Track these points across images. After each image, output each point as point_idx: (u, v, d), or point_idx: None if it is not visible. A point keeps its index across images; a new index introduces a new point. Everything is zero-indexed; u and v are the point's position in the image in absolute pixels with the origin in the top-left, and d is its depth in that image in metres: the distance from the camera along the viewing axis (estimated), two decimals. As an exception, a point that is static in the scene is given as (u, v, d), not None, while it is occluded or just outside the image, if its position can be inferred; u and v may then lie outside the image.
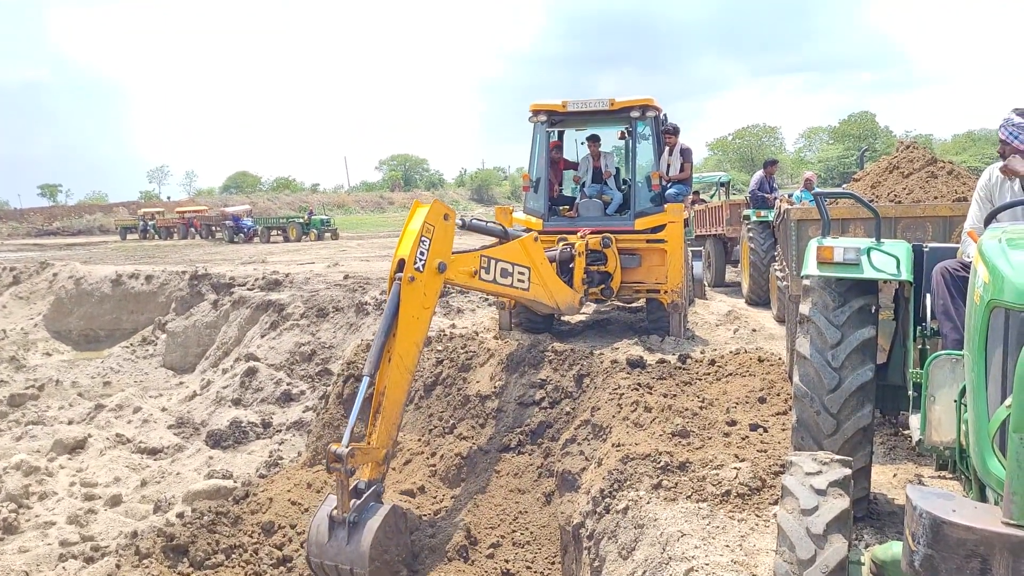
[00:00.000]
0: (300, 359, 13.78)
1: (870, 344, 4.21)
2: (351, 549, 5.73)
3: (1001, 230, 3.24)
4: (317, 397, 12.33)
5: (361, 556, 5.68)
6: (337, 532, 5.77)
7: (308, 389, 13.05)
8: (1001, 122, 4.10)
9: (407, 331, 6.25)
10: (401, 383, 6.24)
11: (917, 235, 6.08)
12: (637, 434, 6.25)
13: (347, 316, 14.30)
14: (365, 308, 14.16)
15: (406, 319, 6.25)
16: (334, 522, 5.80)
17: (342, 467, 5.63)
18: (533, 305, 8.69)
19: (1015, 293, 2.60)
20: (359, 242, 34.63)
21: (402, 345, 6.21)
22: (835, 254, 4.19)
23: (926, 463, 5.41)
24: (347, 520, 5.74)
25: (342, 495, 5.76)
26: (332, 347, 13.78)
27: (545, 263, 8.36)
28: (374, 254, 25.77)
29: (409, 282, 6.31)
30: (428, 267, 6.47)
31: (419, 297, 6.38)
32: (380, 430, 6.07)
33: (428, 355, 9.05)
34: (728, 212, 14.92)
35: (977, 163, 48.25)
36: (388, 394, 6.13)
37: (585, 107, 9.59)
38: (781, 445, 5.74)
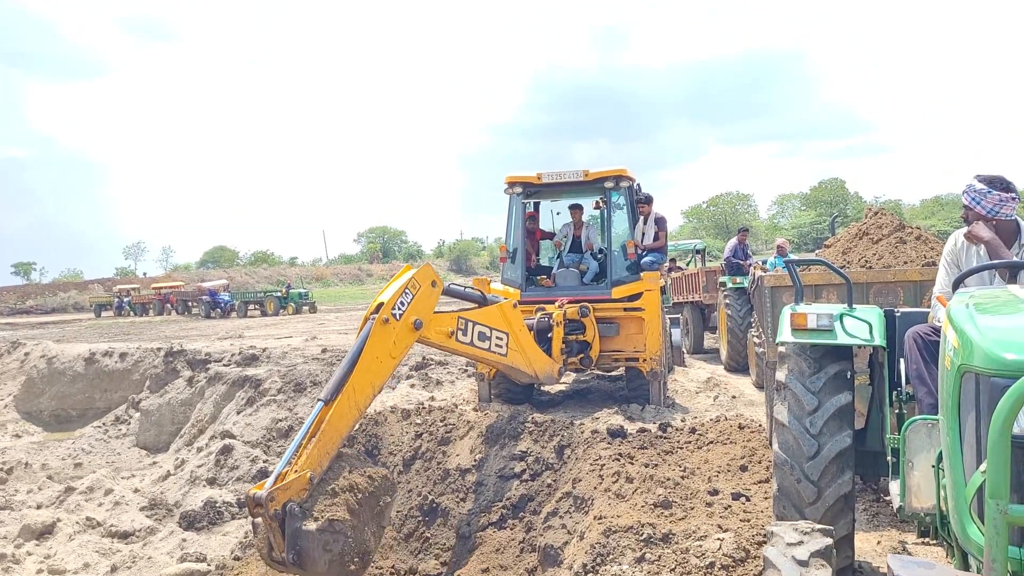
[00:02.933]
0: (277, 435, 13.54)
1: (847, 410, 4.21)
2: (310, 573, 5.44)
3: (969, 295, 3.30)
4: (294, 474, 12.08)
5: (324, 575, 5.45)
6: (288, 569, 5.47)
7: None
8: (964, 188, 4.20)
9: (367, 370, 6.06)
10: (346, 416, 5.94)
11: (889, 300, 6.15)
12: (619, 505, 6.17)
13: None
14: (343, 382, 14.01)
15: (369, 358, 6.07)
16: (278, 563, 5.51)
17: (264, 511, 5.31)
18: (511, 372, 8.62)
19: (984, 358, 2.63)
20: (337, 315, 34.53)
21: (358, 379, 5.98)
22: (808, 320, 4.23)
23: (910, 529, 5.37)
24: (287, 560, 5.39)
25: (274, 536, 5.40)
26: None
27: (524, 330, 8.35)
28: (353, 327, 25.66)
29: (383, 323, 6.19)
30: (405, 319, 6.38)
31: (388, 342, 6.24)
32: (310, 454, 5.66)
33: (407, 429, 8.95)
34: (704, 279, 15.07)
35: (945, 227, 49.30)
36: (331, 421, 5.79)
37: (560, 178, 9.74)
38: (764, 514, 5.68)
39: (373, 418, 9.15)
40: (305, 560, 5.37)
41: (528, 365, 8.38)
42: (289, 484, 5.42)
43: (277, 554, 5.45)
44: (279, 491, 5.38)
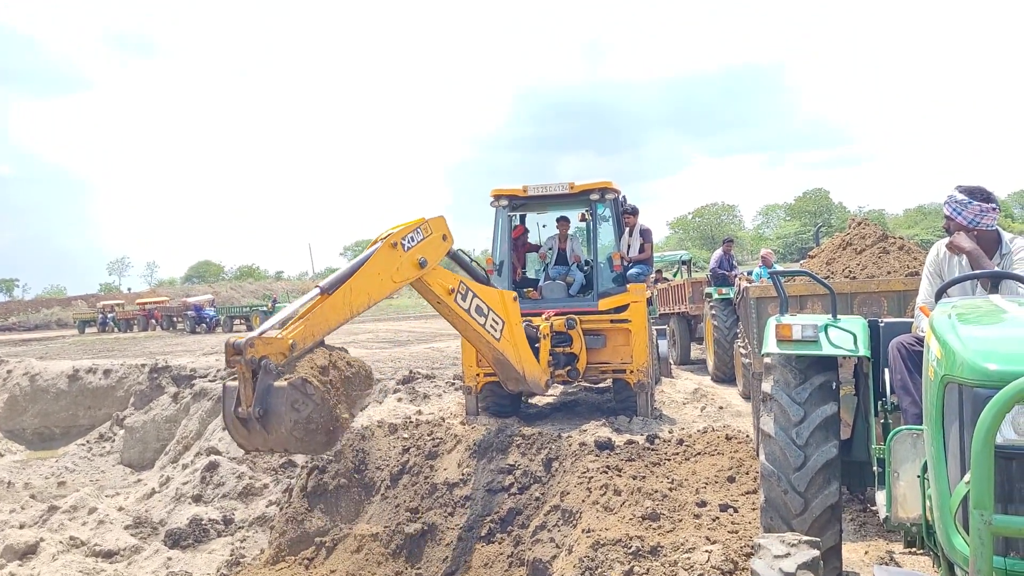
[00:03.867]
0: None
1: (833, 420, 4.22)
2: (273, 438, 5.30)
3: (951, 305, 3.32)
4: (281, 491, 12.00)
5: (285, 441, 5.29)
6: (251, 426, 5.30)
7: (271, 482, 12.69)
8: (946, 199, 4.23)
9: (367, 280, 6.04)
10: (338, 310, 5.88)
11: (873, 310, 6.19)
12: (607, 518, 6.16)
13: (311, 405, 14.06)
14: (330, 396, 13.94)
15: (371, 271, 6.08)
16: (243, 420, 5.32)
17: (242, 358, 5.20)
18: (500, 367, 8.48)
19: (967, 368, 2.65)
20: (324, 329, 34.33)
21: (357, 283, 5.96)
22: (794, 332, 4.24)
23: (897, 539, 5.37)
24: (252, 414, 5.23)
25: (245, 388, 5.28)
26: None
27: (520, 326, 8.31)
28: (339, 341, 25.58)
29: (391, 246, 6.21)
30: (412, 253, 6.41)
31: (391, 266, 6.23)
32: (296, 327, 5.56)
33: (394, 443, 8.91)
34: (691, 290, 15.11)
35: (928, 236, 49.66)
36: (323, 309, 5.72)
37: (545, 191, 9.77)
38: (752, 525, 5.68)
39: (360, 433, 9.10)
40: (271, 416, 5.22)
41: (518, 361, 8.29)
42: (271, 341, 5.35)
43: (244, 409, 5.28)
44: (260, 342, 5.31)
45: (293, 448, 5.43)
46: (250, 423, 5.31)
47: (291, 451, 5.49)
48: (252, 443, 5.45)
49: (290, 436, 5.27)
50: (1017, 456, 2.47)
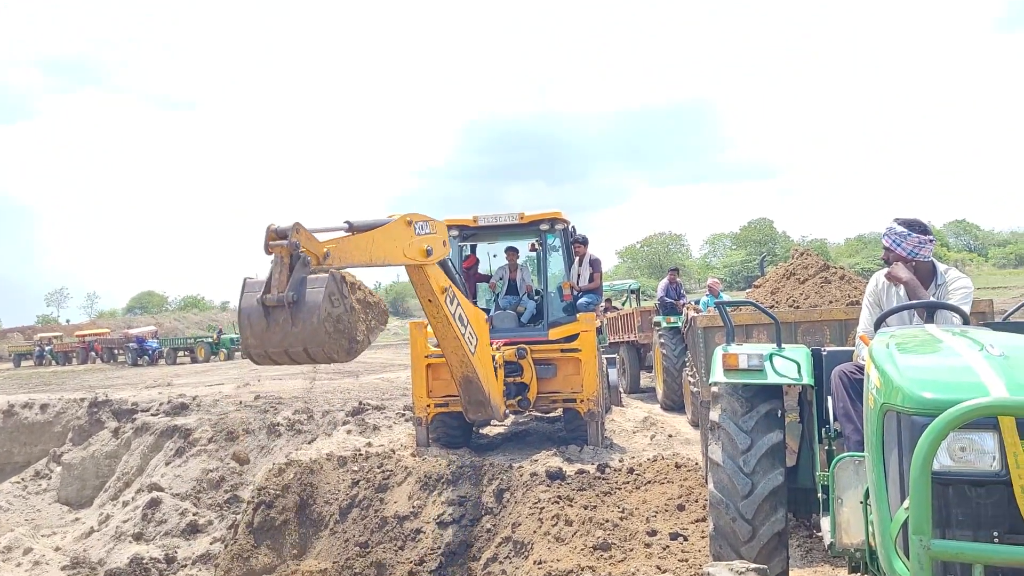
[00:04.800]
0: (208, 487, 13.13)
1: (779, 448, 4.29)
2: (299, 330, 5.15)
3: (889, 334, 3.42)
4: (226, 527, 11.72)
5: (313, 333, 5.13)
6: (275, 316, 5.17)
7: (216, 519, 12.39)
8: (885, 230, 4.37)
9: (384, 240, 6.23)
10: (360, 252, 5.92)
11: (816, 338, 6.33)
12: (559, 549, 6.15)
13: (258, 439, 13.80)
14: (277, 429, 13.70)
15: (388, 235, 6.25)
16: (268, 307, 5.17)
17: (287, 242, 5.15)
18: (467, 386, 8.35)
19: (905, 397, 2.73)
20: (271, 360, 33.81)
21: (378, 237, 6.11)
22: (740, 361, 4.31)
23: (842, 564, 5.45)
24: (284, 299, 5.09)
25: (280, 273, 5.19)
26: (242, 473, 13.21)
27: (488, 347, 8.44)
28: (287, 372, 25.21)
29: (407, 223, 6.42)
30: (421, 239, 6.63)
31: (404, 239, 6.44)
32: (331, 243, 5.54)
33: (343, 476, 8.79)
34: (640, 319, 15.26)
35: (869, 264, 50.97)
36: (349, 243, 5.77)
37: (496, 221, 9.81)
38: (701, 553, 5.72)
39: (308, 467, 8.97)
40: (304, 304, 5.14)
41: (487, 382, 8.30)
42: (311, 238, 5.36)
43: (275, 294, 5.17)
44: (304, 234, 5.28)
45: (315, 345, 5.22)
46: (275, 313, 5.19)
47: (310, 351, 5.27)
48: (267, 339, 5.25)
49: (320, 327, 5.14)
50: (953, 482, 2.55)
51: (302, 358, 5.40)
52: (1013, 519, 2.48)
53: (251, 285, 5.38)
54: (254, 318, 5.28)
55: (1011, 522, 2.49)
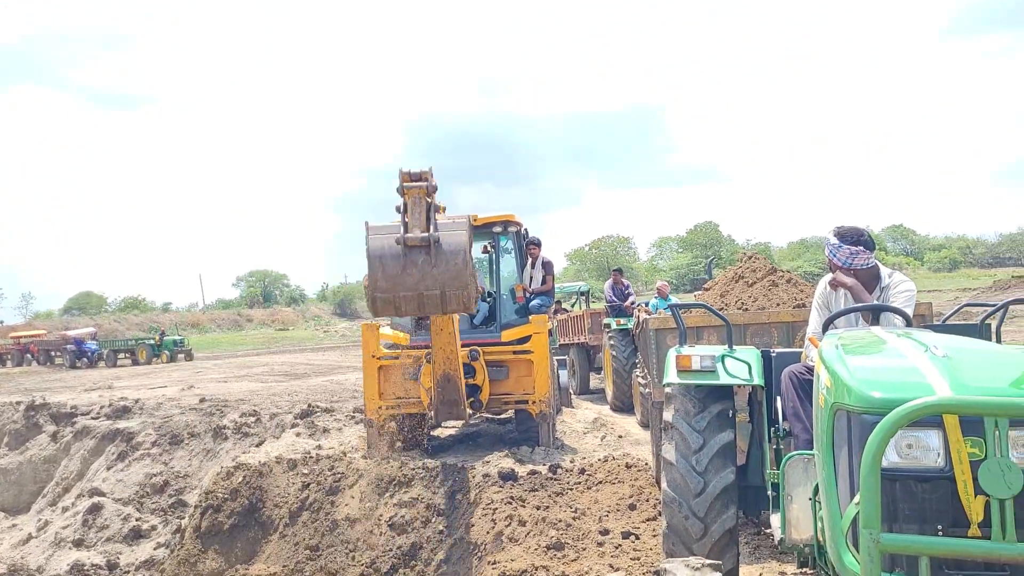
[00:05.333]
0: (151, 491, 12.86)
1: (730, 447, 4.39)
2: (440, 271, 5.28)
3: (838, 336, 3.54)
4: (171, 532, 11.50)
5: (458, 274, 5.30)
6: (414, 257, 5.28)
7: (160, 524, 12.15)
8: (824, 241, 4.54)
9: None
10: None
11: (764, 340, 6.48)
12: (512, 549, 6.18)
13: (203, 442, 13.57)
14: (224, 432, 13.49)
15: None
16: (409, 247, 5.28)
17: (426, 184, 5.33)
18: (445, 385, 8.49)
19: (855, 396, 2.82)
20: (216, 363, 33.27)
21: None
22: (693, 362, 4.41)
23: (789, 560, 5.60)
24: (430, 239, 5.20)
25: (419, 214, 5.33)
26: (187, 476, 12.97)
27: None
28: (232, 374, 24.82)
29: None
30: None
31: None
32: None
33: (293, 479, 8.69)
34: (590, 321, 15.40)
35: (811, 268, 52.21)
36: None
37: (448, 224, 9.81)
38: (653, 551, 5.82)
39: (257, 470, 8.85)
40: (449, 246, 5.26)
41: (462, 379, 8.41)
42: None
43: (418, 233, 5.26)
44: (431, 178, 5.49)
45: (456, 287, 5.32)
46: (413, 255, 5.27)
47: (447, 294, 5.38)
48: (400, 282, 5.32)
49: (464, 269, 5.29)
50: (900, 478, 2.65)
51: (433, 303, 5.49)
52: (956, 513, 2.59)
53: (379, 228, 5.47)
54: (387, 260, 5.34)
55: (954, 516, 2.60)
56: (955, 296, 35.30)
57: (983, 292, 36.07)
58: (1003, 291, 34.41)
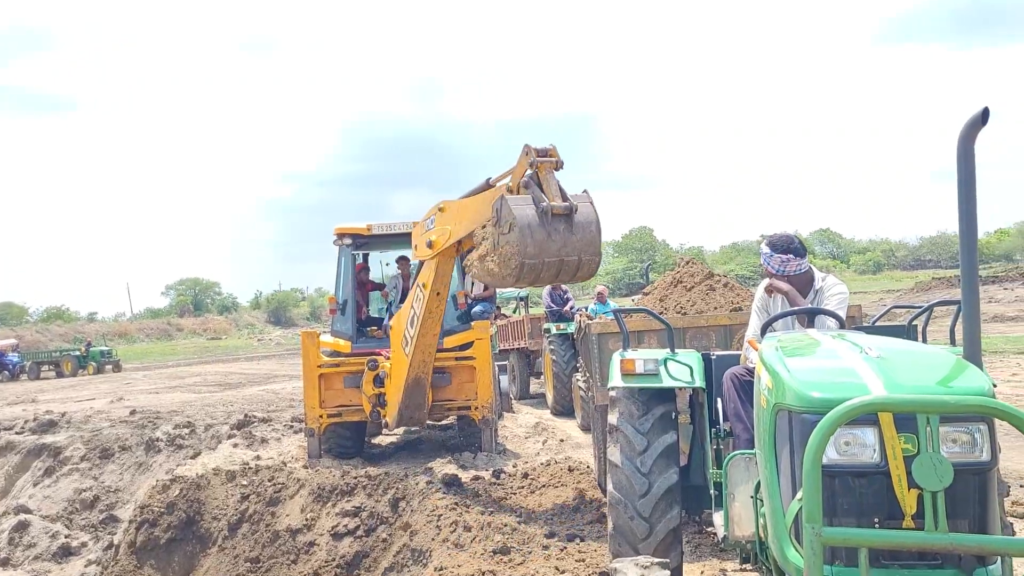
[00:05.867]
0: (81, 507, 12.46)
1: (674, 448, 4.49)
2: (578, 238, 5.86)
3: (776, 339, 3.66)
4: (102, 548, 11.16)
5: (592, 242, 5.92)
6: (554, 225, 5.77)
7: (91, 540, 11.77)
8: (758, 248, 4.70)
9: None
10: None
11: (703, 343, 6.63)
12: (458, 555, 6.19)
13: (135, 456, 13.20)
14: (156, 445, 13.15)
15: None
16: (549, 216, 5.78)
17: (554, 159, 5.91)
18: (414, 388, 8.61)
19: (795, 397, 2.94)
20: (145, 373, 32.42)
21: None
22: (637, 366, 4.50)
23: (729, 558, 5.74)
24: (571, 207, 5.80)
25: (555, 186, 5.91)
26: (119, 491, 12.60)
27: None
28: (164, 385, 24.24)
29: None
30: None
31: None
32: None
33: (231, 491, 8.54)
34: (529, 326, 15.48)
35: (743, 271, 53.37)
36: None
37: (390, 229, 9.79)
38: (598, 553, 5.89)
39: (195, 482, 8.66)
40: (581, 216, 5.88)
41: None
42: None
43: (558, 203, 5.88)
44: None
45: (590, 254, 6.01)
46: (557, 222, 5.84)
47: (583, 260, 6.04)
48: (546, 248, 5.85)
49: (598, 237, 5.98)
50: (839, 474, 2.77)
51: (569, 270, 6.10)
52: (891, 506, 2.71)
53: (516, 199, 5.99)
54: (534, 227, 5.83)
55: (889, 509, 2.72)
56: (880, 297, 36.57)
57: (906, 293, 37.46)
58: (925, 292, 35.81)
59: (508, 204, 5.97)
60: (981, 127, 2.83)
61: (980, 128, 2.83)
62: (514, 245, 5.91)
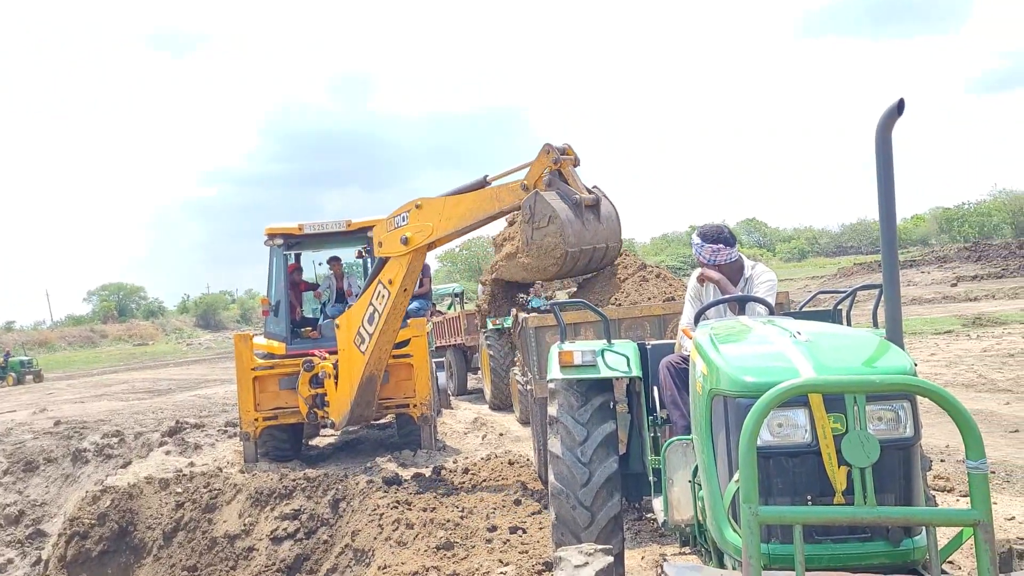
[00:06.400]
0: (5, 523, 11.99)
1: (613, 437, 4.57)
2: (605, 226, 6.60)
3: (710, 326, 3.76)
4: (30, 564, 10.77)
5: (615, 230, 6.74)
6: (586, 216, 6.37)
7: (17, 556, 11.35)
8: (690, 240, 4.82)
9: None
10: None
11: (638, 333, 6.75)
12: (402, 553, 6.17)
13: (62, 467, 12.77)
14: (84, 456, 12.74)
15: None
16: (581, 208, 6.41)
17: (574, 156, 6.45)
18: (367, 385, 8.64)
19: (730, 382, 3.03)
20: (70, 383, 31.34)
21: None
22: (575, 357, 4.55)
23: (669, 542, 5.87)
24: (597, 199, 6.53)
25: (576, 181, 6.48)
26: (45, 504, 12.17)
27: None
28: (89, 394, 23.48)
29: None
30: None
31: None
32: None
33: (166, 499, 8.34)
34: (465, 321, 15.48)
35: (673, 262, 54.24)
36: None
37: (322, 229, 9.68)
38: (540, 544, 5.95)
39: (127, 492, 8.44)
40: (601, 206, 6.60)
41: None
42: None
43: (586, 195, 6.53)
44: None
45: (615, 241, 6.93)
46: (587, 213, 6.48)
47: (609, 247, 6.92)
48: (583, 237, 6.50)
49: (618, 225, 6.85)
50: (773, 455, 2.86)
51: (598, 257, 6.84)
52: (823, 483, 2.82)
53: (548, 195, 6.50)
54: (572, 219, 6.44)
55: (821, 486, 2.83)
56: (805, 283, 37.66)
57: (830, 279, 38.68)
58: (847, 277, 37.04)
59: (544, 199, 6.53)
60: (897, 118, 2.94)
61: (896, 119, 2.95)
62: (556, 236, 6.53)
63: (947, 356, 13.93)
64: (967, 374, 11.88)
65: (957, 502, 6.22)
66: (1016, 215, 55.34)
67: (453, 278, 70.78)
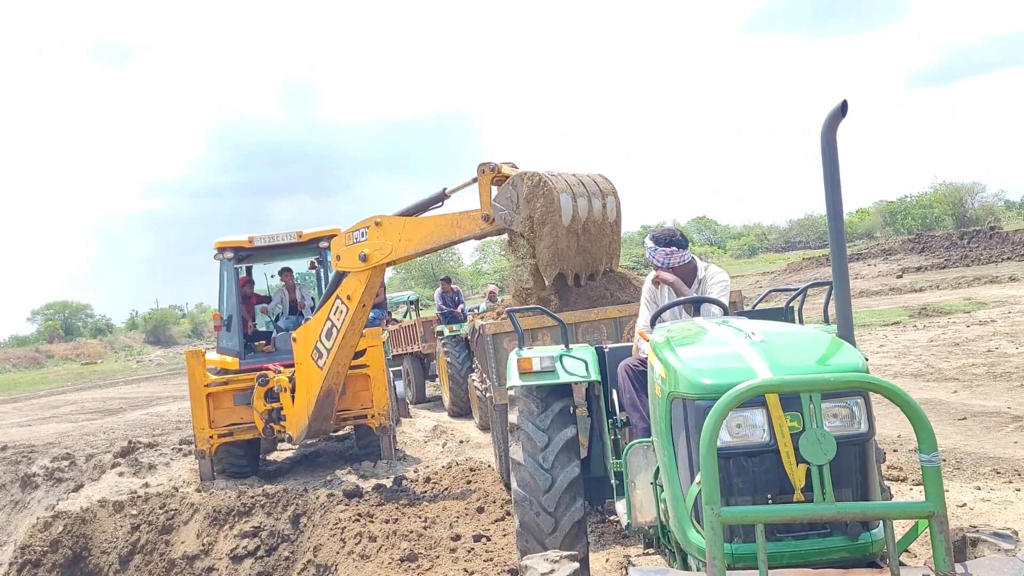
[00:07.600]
0: (-47, 554, 11.61)
1: (574, 442, 4.58)
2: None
3: (666, 329, 3.79)
4: (-21, 595, 10.43)
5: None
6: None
7: (-36, 588, 10.99)
8: (643, 242, 4.88)
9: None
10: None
11: (595, 336, 6.77)
12: (366, 566, 6.11)
13: (10, 494, 12.39)
14: (33, 481, 12.37)
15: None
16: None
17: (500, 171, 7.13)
18: (325, 400, 8.55)
19: (688, 385, 3.05)
20: (15, 405, 30.41)
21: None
22: (533, 364, 4.56)
23: (632, 544, 5.90)
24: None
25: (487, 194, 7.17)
26: (-9, 534, 11.81)
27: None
28: (36, 416, 22.85)
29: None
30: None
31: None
32: None
33: (120, 522, 8.13)
34: (422, 329, 15.42)
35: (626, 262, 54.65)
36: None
37: (273, 241, 9.56)
38: (505, 551, 5.94)
39: (79, 517, 8.21)
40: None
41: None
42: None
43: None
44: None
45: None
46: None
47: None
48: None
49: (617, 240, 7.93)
50: (733, 455, 2.89)
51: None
52: (782, 482, 2.86)
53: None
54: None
55: (780, 484, 2.87)
56: (756, 280, 38.26)
57: (780, 274, 39.35)
58: (797, 272, 37.72)
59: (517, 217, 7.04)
60: (841, 118, 3.00)
61: (840, 119, 3.01)
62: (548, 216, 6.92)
63: (896, 347, 14.27)
64: (915, 364, 12.18)
65: (911, 491, 6.36)
66: (956, 207, 56.90)
67: (408, 285, 70.50)
